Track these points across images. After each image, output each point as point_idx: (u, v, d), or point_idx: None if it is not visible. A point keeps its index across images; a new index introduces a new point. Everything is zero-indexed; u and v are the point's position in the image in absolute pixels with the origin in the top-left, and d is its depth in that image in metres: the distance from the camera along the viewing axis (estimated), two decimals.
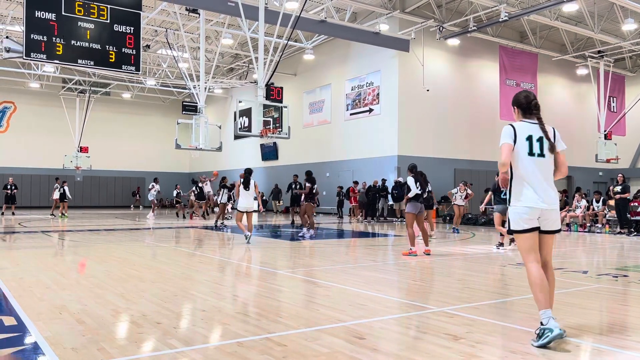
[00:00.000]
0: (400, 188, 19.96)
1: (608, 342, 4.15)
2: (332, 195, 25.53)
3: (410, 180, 9.67)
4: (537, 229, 4.17)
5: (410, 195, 9.61)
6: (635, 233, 15.07)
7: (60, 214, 22.54)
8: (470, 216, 19.99)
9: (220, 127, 20.72)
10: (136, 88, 35.55)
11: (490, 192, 11.70)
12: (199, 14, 18.78)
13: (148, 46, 25.86)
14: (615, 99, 26.96)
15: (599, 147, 23.85)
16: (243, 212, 11.96)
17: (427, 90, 22.45)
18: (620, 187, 15.37)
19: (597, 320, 5.00)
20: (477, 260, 9.42)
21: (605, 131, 23.93)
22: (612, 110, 25.93)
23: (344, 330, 4.35)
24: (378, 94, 23.64)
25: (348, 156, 25.05)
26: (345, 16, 20.77)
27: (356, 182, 22.76)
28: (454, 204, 16.30)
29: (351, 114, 25.16)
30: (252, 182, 12.05)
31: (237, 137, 30.88)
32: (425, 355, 3.73)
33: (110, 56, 13.88)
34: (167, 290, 6.12)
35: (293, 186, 19.25)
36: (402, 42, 20.98)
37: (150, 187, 22.60)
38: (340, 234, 15.30)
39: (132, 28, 14.17)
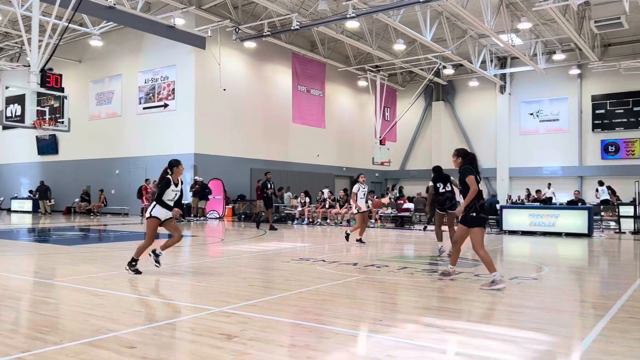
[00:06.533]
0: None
1: (364, 328, 4.71)
2: (121, 193, 23.97)
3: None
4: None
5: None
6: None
7: None
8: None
9: None
10: None
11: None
12: None
13: None
14: (389, 109, 30.75)
15: (374, 151, 26.95)
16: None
17: (224, 90, 22.58)
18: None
19: (357, 307, 5.61)
20: (266, 257, 9.80)
21: (380, 137, 27.14)
22: (386, 119, 29.48)
23: (114, 341, 4.12)
24: (174, 89, 22.92)
25: (142, 152, 23.76)
26: (138, 5, 19.61)
27: (148, 180, 21.72)
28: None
29: (144, 108, 23.92)
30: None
31: (5, 127, 26.94)
32: (196, 358, 3.74)
33: None
34: None
35: (268, 185, 16.60)
36: (198, 39, 20.68)
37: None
38: (125, 236, 14.44)
39: None
